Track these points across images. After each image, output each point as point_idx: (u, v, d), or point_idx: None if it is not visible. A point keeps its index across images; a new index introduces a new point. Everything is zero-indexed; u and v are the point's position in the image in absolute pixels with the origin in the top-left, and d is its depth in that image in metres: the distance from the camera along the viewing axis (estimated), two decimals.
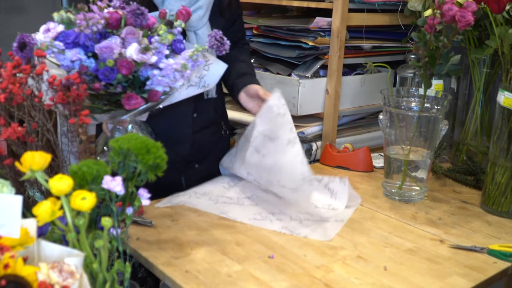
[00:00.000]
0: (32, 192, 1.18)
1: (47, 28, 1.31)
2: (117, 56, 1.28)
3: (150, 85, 1.35)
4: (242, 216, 1.54)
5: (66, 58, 1.29)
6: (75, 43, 1.30)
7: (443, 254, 1.37)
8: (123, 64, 1.28)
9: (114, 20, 1.32)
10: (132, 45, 1.29)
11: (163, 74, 1.33)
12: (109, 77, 1.29)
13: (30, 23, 3.57)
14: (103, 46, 1.28)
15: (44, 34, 1.30)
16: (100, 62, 1.29)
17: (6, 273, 0.82)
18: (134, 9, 1.32)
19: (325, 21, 2.07)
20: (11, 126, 1.07)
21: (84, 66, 1.29)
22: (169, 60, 1.33)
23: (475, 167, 1.88)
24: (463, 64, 1.94)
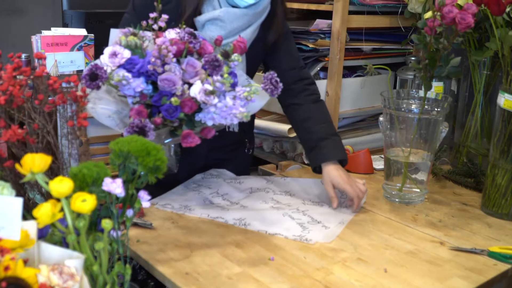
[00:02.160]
0: (33, 194, 1.18)
1: (113, 52, 1.28)
2: (179, 93, 1.28)
3: (201, 117, 1.34)
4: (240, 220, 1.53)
5: (131, 88, 1.28)
6: (140, 72, 1.29)
7: (444, 256, 1.37)
8: (187, 104, 1.28)
9: (178, 51, 1.32)
10: (197, 84, 1.28)
11: (219, 114, 1.33)
12: (172, 115, 1.29)
13: (29, 25, 3.58)
14: (165, 78, 1.27)
15: (110, 59, 1.28)
16: (164, 97, 1.28)
17: (6, 275, 0.82)
18: (212, 59, 1.30)
19: (325, 23, 2.08)
20: (12, 128, 1.07)
21: (145, 95, 1.29)
22: (226, 100, 1.32)
23: (475, 169, 1.88)
24: (463, 66, 1.94)
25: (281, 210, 1.60)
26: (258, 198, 1.69)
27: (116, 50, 1.28)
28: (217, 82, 1.29)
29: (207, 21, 1.57)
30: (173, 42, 1.31)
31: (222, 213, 1.57)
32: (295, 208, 1.61)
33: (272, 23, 1.71)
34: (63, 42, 2.47)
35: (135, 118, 1.27)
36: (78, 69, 2.47)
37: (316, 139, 1.70)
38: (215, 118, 1.33)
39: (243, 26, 1.61)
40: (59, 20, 4.32)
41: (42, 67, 1.17)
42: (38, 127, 1.14)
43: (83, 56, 2.49)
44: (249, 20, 1.61)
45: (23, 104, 1.13)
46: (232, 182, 1.78)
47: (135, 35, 1.32)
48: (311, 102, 1.75)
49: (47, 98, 1.14)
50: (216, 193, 1.70)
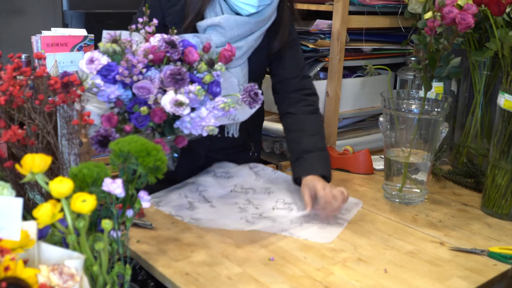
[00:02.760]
0: (33, 194, 1.18)
1: (91, 58, 1.28)
2: (152, 102, 1.27)
3: (178, 125, 1.33)
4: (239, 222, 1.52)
5: (104, 95, 1.28)
6: (115, 80, 1.28)
7: (444, 256, 1.37)
8: (156, 113, 1.27)
9: (157, 59, 1.32)
10: (169, 94, 1.27)
11: (192, 126, 1.32)
12: (141, 124, 1.28)
13: (29, 26, 3.58)
14: (141, 86, 1.27)
15: (87, 65, 1.28)
16: (135, 104, 1.28)
17: (6, 275, 0.82)
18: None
19: (326, 23, 2.08)
20: (11, 129, 1.07)
21: (121, 101, 1.29)
22: (201, 110, 1.31)
23: (475, 169, 1.88)
24: (463, 66, 1.94)
25: (243, 212, 1.59)
26: (233, 197, 1.68)
27: (93, 56, 1.28)
28: (190, 93, 1.28)
29: (208, 26, 1.57)
30: (148, 51, 1.30)
31: (183, 211, 1.57)
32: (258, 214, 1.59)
33: (277, 30, 1.69)
34: (63, 42, 2.47)
35: (105, 125, 1.26)
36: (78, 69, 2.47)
37: (302, 151, 1.66)
38: (188, 127, 1.32)
39: (244, 34, 1.59)
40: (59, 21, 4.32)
41: (43, 67, 1.17)
42: (38, 127, 1.14)
43: (83, 56, 2.49)
44: (251, 28, 1.60)
45: (23, 105, 1.13)
46: (222, 175, 1.78)
47: (116, 42, 1.31)
48: (306, 113, 1.73)
49: (47, 98, 1.14)
50: (196, 189, 1.71)
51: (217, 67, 1.36)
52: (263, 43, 1.67)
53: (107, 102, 1.31)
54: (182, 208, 1.58)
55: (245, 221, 1.52)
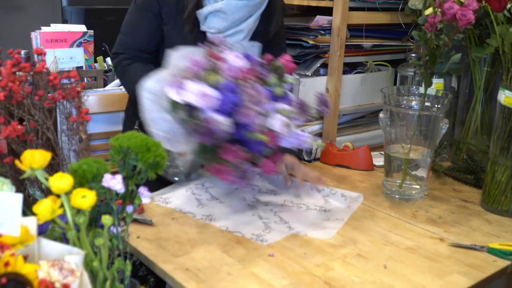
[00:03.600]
0: (32, 190, 1.18)
1: (202, 93, 1.28)
2: (263, 128, 1.30)
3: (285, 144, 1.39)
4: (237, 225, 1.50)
5: (226, 127, 1.30)
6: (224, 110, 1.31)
7: (443, 252, 1.37)
8: (273, 138, 1.31)
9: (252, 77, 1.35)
10: (276, 117, 1.31)
11: (294, 143, 1.39)
12: (257, 150, 1.33)
13: (29, 22, 3.58)
14: (249, 115, 1.29)
15: (200, 99, 1.28)
16: (250, 132, 1.31)
17: (6, 271, 0.82)
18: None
19: (326, 19, 2.07)
20: (11, 125, 1.07)
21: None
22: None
23: (475, 165, 1.88)
24: (464, 63, 1.93)
25: (253, 209, 1.59)
26: (240, 193, 1.68)
27: (203, 91, 1.28)
28: (291, 112, 1.33)
29: (210, 13, 1.62)
30: (246, 75, 1.32)
31: (193, 208, 1.57)
32: (269, 209, 1.60)
33: (272, 14, 1.74)
34: (62, 38, 2.47)
35: (229, 158, 1.31)
36: (78, 65, 2.47)
37: None
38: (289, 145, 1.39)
39: (244, 17, 1.65)
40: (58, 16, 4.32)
41: (42, 62, 1.17)
42: (38, 123, 1.14)
43: (83, 52, 2.49)
44: (249, 11, 1.65)
45: (23, 100, 1.13)
46: None
47: (215, 71, 1.32)
48: None
49: (46, 94, 1.14)
50: (201, 185, 1.71)
51: (289, 80, 1.41)
52: (259, 28, 1.72)
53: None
54: (192, 205, 1.58)
55: (258, 218, 1.53)
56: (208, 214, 1.53)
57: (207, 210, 1.55)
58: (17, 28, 3.51)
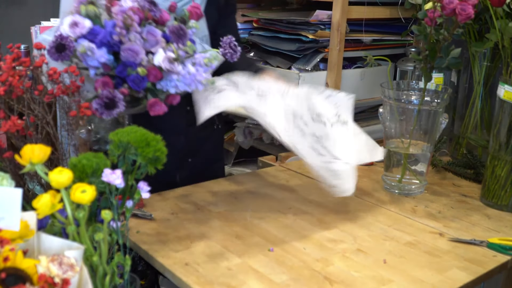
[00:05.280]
0: (32, 185, 1.19)
1: (73, 22, 1.25)
2: (145, 62, 1.26)
3: (163, 86, 1.32)
4: None
5: (95, 59, 1.25)
6: (102, 43, 1.26)
7: (443, 247, 1.38)
8: (152, 72, 1.26)
9: (138, 19, 1.30)
10: (159, 52, 1.26)
11: (184, 82, 1.32)
12: (139, 86, 1.27)
13: (29, 16, 3.57)
14: (129, 48, 1.25)
15: (71, 29, 1.24)
16: (129, 67, 1.27)
17: (6, 266, 0.82)
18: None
19: (325, 14, 2.07)
20: (11, 119, 1.07)
21: (108, 66, 1.27)
22: (188, 67, 1.31)
23: (475, 160, 1.88)
24: (463, 57, 1.93)
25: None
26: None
27: (76, 20, 1.25)
28: (180, 49, 1.28)
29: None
30: (134, 10, 1.28)
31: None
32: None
33: None
34: None
35: (102, 89, 1.24)
36: None
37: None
38: (178, 85, 1.31)
39: None
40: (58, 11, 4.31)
41: (42, 57, 1.17)
42: (38, 118, 1.14)
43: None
44: None
45: (23, 95, 1.13)
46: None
47: (93, 4, 1.29)
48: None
49: (46, 88, 1.14)
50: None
51: (191, 25, 1.36)
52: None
53: (94, 69, 1.28)
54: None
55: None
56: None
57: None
58: (17, 22, 3.51)
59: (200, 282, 1.17)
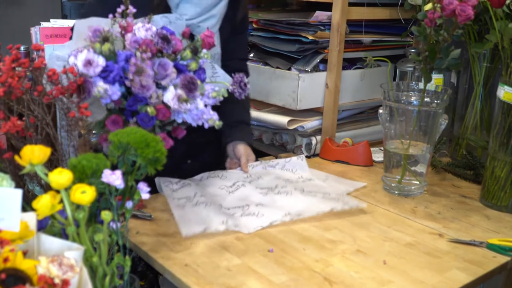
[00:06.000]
0: (32, 186, 1.19)
1: (87, 60, 1.23)
2: (154, 100, 1.27)
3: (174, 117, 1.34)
4: None
5: (108, 98, 1.26)
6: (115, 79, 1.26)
7: (442, 248, 1.38)
8: (160, 111, 1.27)
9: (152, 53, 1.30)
10: (170, 90, 1.27)
11: (193, 117, 1.33)
12: (147, 124, 1.28)
13: (29, 17, 3.57)
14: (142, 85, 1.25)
15: (85, 68, 1.23)
16: (139, 106, 1.28)
17: (5, 266, 0.83)
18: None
19: (325, 15, 2.07)
20: (11, 120, 1.07)
21: (119, 100, 1.28)
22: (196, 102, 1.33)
23: (475, 161, 1.88)
24: (463, 58, 1.93)
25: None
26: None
27: (90, 58, 1.24)
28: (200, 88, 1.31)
29: (181, 0, 1.60)
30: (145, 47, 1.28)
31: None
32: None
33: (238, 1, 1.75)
34: (62, 33, 2.46)
35: (111, 128, 1.26)
36: None
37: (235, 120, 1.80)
38: (185, 118, 1.33)
39: (215, 2, 1.64)
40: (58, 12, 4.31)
41: (41, 58, 1.17)
42: (37, 119, 1.14)
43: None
44: None
45: (22, 96, 1.13)
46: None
47: (108, 40, 1.28)
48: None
49: (46, 89, 1.14)
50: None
51: (203, 55, 1.37)
52: (228, 13, 1.71)
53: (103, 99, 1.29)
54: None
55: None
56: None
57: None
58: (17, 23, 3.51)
59: (200, 282, 1.17)
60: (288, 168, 1.84)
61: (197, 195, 1.58)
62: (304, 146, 2.15)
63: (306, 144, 2.15)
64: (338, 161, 2.01)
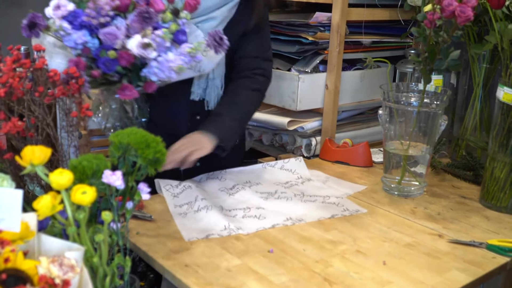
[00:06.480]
0: (32, 186, 1.19)
1: (57, 4, 1.29)
2: (120, 47, 1.28)
3: (146, 73, 1.34)
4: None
5: (71, 40, 1.28)
6: (82, 25, 1.29)
7: (442, 248, 1.38)
8: (123, 56, 1.27)
9: (123, 5, 1.32)
10: (135, 37, 1.28)
11: (160, 68, 1.33)
12: (109, 68, 1.29)
13: None
14: (107, 32, 1.27)
15: (54, 11, 1.29)
16: (102, 50, 1.28)
17: (6, 267, 0.83)
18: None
19: (325, 16, 2.07)
20: (11, 121, 1.07)
21: (87, 48, 1.29)
22: (168, 55, 1.33)
23: (474, 162, 1.88)
24: (463, 59, 1.93)
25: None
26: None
27: (60, 3, 1.29)
28: (157, 36, 1.29)
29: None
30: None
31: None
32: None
33: (253, 5, 1.71)
34: None
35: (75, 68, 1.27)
36: None
37: (214, 113, 1.70)
38: (156, 72, 1.33)
39: (217, 5, 1.61)
40: None
41: (42, 59, 1.17)
42: (38, 119, 1.14)
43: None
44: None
45: (23, 97, 1.13)
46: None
47: None
48: (245, 88, 1.75)
49: (46, 90, 1.14)
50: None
51: (182, 15, 1.37)
52: (239, 17, 1.69)
53: (73, 50, 1.31)
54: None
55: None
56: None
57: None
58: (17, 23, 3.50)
59: (200, 283, 1.18)
60: (287, 168, 1.86)
61: (198, 198, 1.58)
62: (304, 147, 2.15)
63: (306, 145, 2.15)
64: (337, 162, 2.01)
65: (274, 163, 1.86)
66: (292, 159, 1.88)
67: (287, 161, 1.88)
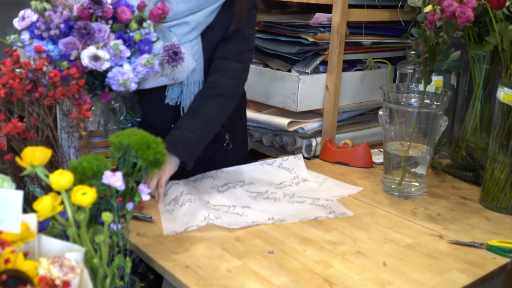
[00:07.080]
0: (33, 187, 1.19)
1: (22, 16, 1.33)
2: (73, 57, 1.29)
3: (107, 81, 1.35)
4: None
5: (31, 50, 1.31)
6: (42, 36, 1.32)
7: (442, 249, 1.38)
8: (76, 66, 1.27)
9: (84, 16, 1.33)
10: (89, 48, 1.29)
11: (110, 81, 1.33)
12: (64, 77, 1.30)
13: None
14: (66, 42, 1.29)
15: (18, 23, 1.33)
16: (57, 61, 1.29)
17: (7, 268, 0.83)
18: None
19: (325, 17, 2.07)
20: (11, 122, 1.07)
21: (49, 57, 1.30)
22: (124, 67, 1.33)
23: (475, 163, 1.88)
24: (463, 60, 1.94)
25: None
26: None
27: (25, 14, 1.33)
28: (109, 48, 1.30)
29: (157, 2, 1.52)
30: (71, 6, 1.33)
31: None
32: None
33: (233, 10, 1.65)
34: None
35: None
36: None
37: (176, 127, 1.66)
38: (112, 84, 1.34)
39: (192, 9, 1.58)
40: None
41: (42, 60, 1.17)
42: (38, 120, 1.14)
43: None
44: (199, 4, 1.58)
45: (23, 98, 1.13)
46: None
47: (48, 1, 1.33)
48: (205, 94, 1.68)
49: (47, 91, 1.14)
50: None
51: (145, 25, 1.37)
52: (219, 22, 1.64)
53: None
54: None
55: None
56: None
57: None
58: None
59: (200, 284, 1.18)
60: (285, 166, 1.86)
61: (183, 193, 1.58)
62: (304, 147, 2.15)
63: (306, 145, 2.15)
64: (338, 162, 2.01)
65: (272, 161, 1.86)
66: (291, 157, 1.88)
67: (286, 159, 1.88)
